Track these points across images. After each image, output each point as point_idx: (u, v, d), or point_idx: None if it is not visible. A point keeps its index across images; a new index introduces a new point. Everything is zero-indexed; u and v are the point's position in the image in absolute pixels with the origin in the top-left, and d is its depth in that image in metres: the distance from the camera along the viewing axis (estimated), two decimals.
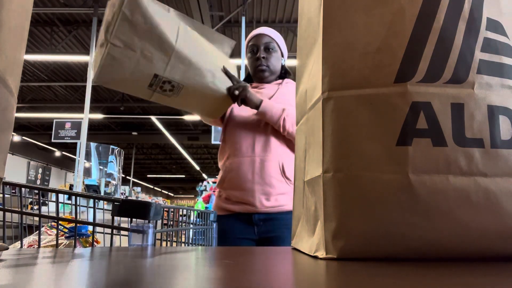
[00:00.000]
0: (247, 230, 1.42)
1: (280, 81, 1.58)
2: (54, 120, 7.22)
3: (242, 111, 1.48)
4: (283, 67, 1.61)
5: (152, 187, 27.51)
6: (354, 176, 0.46)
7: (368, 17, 0.49)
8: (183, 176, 23.88)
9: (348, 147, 0.47)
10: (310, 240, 0.53)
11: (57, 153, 16.38)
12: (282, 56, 1.60)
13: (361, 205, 0.46)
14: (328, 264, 0.43)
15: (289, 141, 1.45)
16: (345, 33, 0.50)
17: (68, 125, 7.18)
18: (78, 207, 0.90)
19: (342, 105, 0.48)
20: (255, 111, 1.41)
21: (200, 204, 5.53)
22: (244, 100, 1.35)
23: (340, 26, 0.51)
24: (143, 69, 1.14)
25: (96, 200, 0.85)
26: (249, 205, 1.40)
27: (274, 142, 1.42)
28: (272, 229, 1.40)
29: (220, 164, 1.54)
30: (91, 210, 0.86)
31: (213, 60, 1.28)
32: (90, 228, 1.05)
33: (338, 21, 0.51)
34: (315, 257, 0.48)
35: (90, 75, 6.01)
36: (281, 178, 1.40)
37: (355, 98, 0.48)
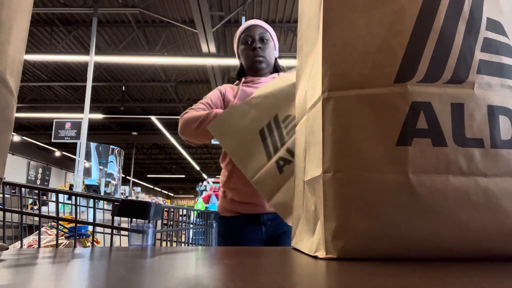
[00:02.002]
0: (255, 230, 1.40)
1: (275, 74, 1.55)
2: (54, 120, 7.21)
3: None
4: (275, 59, 1.58)
5: (152, 187, 27.50)
6: (354, 176, 0.46)
7: (368, 17, 0.49)
8: (183, 176, 23.87)
9: (348, 147, 0.47)
10: (310, 240, 0.53)
11: (57, 153, 16.37)
12: (275, 48, 1.57)
13: (361, 205, 0.46)
14: (328, 264, 0.43)
15: None
16: (345, 33, 0.50)
17: (68, 125, 7.17)
18: (78, 207, 0.90)
19: (342, 105, 0.48)
20: None
21: (200, 204, 5.53)
22: None
23: (340, 26, 0.50)
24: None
25: (96, 200, 0.85)
26: (257, 205, 1.37)
27: None
28: (280, 225, 1.38)
29: (223, 164, 1.50)
30: (91, 210, 0.86)
31: None
32: (90, 228, 1.05)
33: (338, 21, 0.51)
34: (315, 257, 0.48)
35: (90, 75, 6.00)
36: None
37: (355, 98, 0.48)
